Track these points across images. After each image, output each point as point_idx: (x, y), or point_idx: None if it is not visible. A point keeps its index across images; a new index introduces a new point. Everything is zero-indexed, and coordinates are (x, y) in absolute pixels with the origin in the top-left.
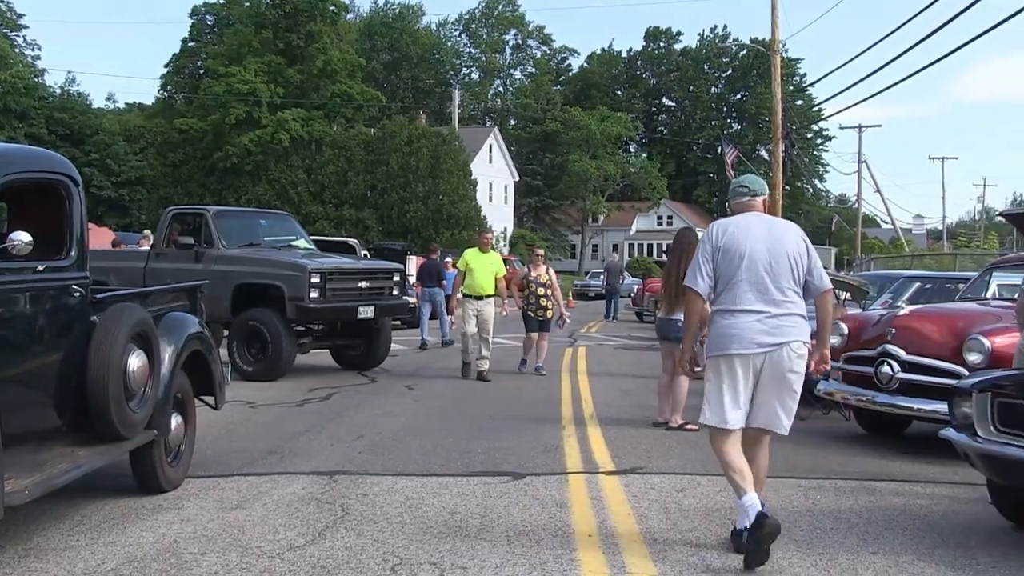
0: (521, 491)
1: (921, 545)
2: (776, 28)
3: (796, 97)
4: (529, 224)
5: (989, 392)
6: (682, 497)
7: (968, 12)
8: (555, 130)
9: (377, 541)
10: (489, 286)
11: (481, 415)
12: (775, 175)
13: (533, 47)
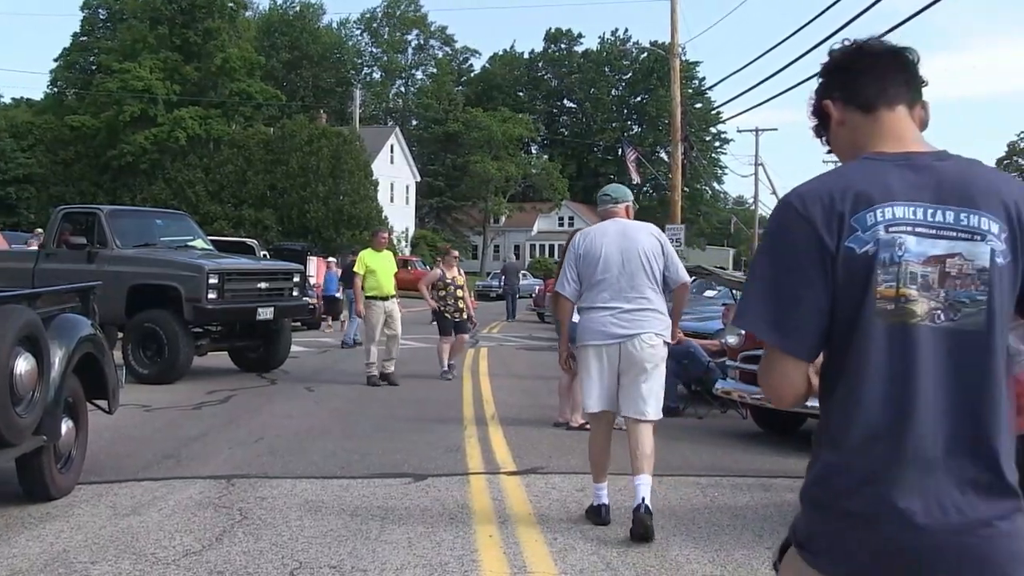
0: (422, 492)
1: None
2: (676, 32)
3: (695, 100)
4: (431, 225)
5: None
6: (583, 496)
7: (861, 19)
8: (457, 131)
9: (276, 545)
10: (392, 285)
11: (382, 416)
12: (674, 177)
13: (435, 47)
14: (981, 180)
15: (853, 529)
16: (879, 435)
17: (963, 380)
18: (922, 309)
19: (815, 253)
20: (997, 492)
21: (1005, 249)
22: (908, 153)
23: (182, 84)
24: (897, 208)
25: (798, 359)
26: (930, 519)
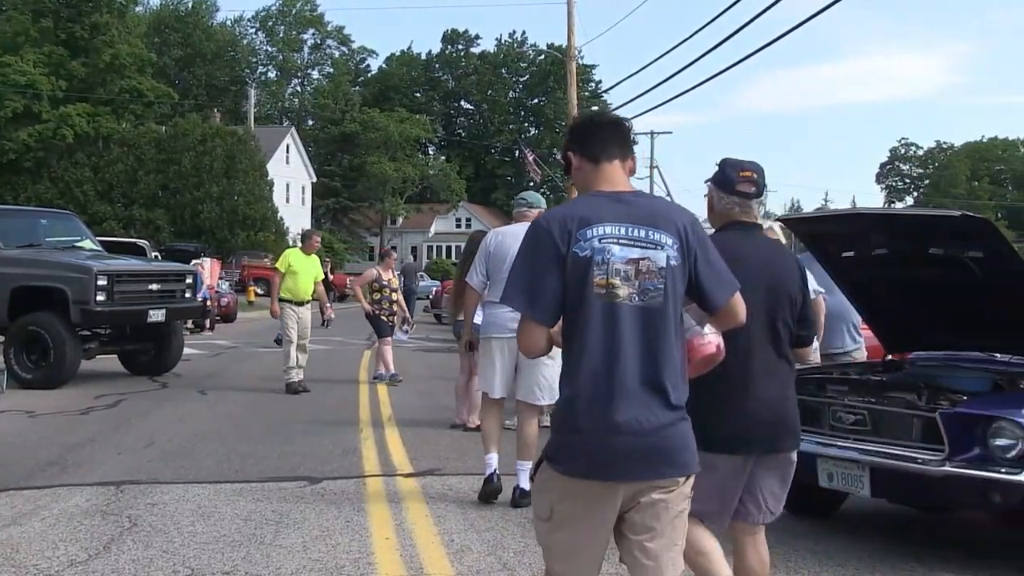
0: (318, 496)
1: None
2: (572, 35)
3: (592, 103)
4: (327, 226)
5: None
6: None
7: (752, 26)
8: (354, 131)
9: (167, 552)
10: (310, 291)
11: (277, 420)
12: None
13: (332, 47)
14: (662, 210)
15: (581, 437)
16: (598, 374)
17: (649, 339)
18: (624, 293)
19: (554, 255)
20: (669, 409)
21: (677, 255)
22: (617, 192)
23: (68, 80)
24: (607, 227)
25: (543, 325)
26: (631, 427)
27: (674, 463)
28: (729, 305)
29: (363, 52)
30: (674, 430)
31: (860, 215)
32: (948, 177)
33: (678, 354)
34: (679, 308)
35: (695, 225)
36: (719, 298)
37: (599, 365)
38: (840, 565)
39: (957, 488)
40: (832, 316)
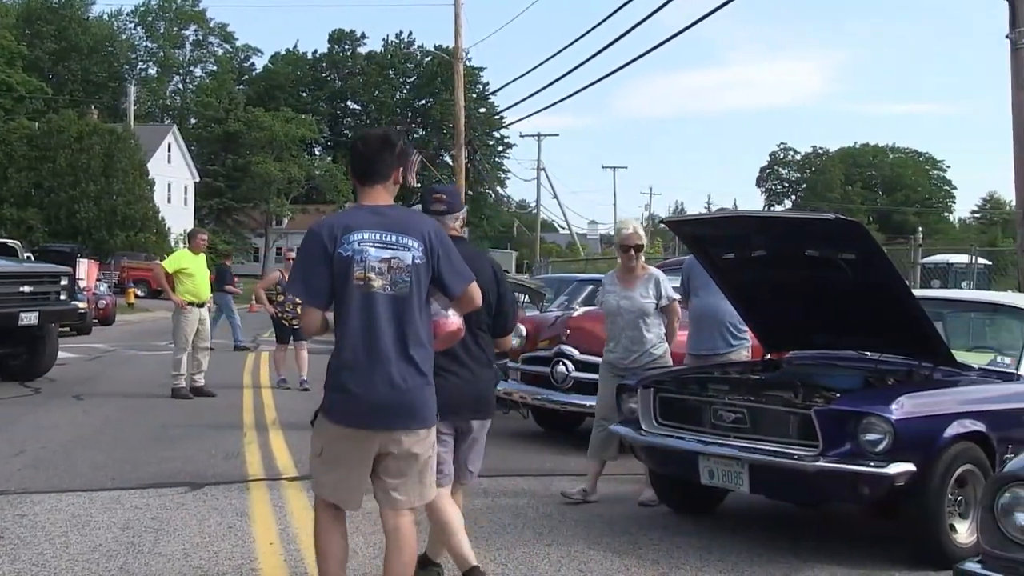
0: (199, 501)
1: (591, 534)
2: (459, 36)
3: (479, 105)
4: (211, 226)
5: (652, 388)
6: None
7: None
8: (238, 130)
9: (37, 565)
10: (208, 291)
11: (157, 424)
12: (458, 180)
13: (215, 44)
14: (411, 220)
15: (346, 395)
16: (359, 346)
17: (399, 320)
18: (378, 284)
19: (323, 255)
20: (416, 374)
21: (421, 255)
22: (376, 206)
23: None
24: (365, 233)
25: (318, 308)
26: (384, 388)
27: (418, 417)
28: (466, 293)
29: (247, 50)
30: (419, 392)
31: (740, 218)
32: (824, 181)
33: (424, 331)
34: (424, 296)
35: (438, 232)
36: (456, 288)
37: (359, 339)
38: (721, 560)
39: (830, 482)
40: (702, 318)
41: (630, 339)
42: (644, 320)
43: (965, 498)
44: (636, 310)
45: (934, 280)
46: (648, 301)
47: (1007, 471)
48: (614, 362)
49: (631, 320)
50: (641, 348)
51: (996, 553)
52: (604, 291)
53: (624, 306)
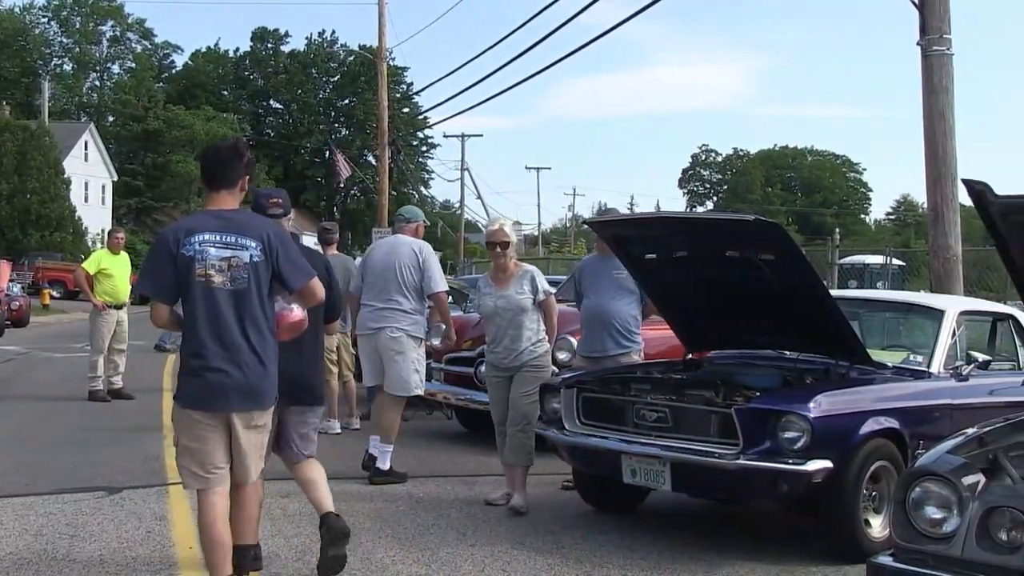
0: (117, 506)
1: (515, 534)
2: (383, 36)
3: (403, 105)
4: (130, 226)
5: (575, 388)
6: (287, 503)
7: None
8: (158, 129)
9: None
10: (127, 292)
11: (73, 428)
12: (382, 181)
13: (133, 41)
14: (250, 223)
15: (193, 380)
16: (204, 336)
17: (239, 312)
18: (218, 280)
19: (170, 255)
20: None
21: (260, 254)
22: (220, 210)
23: None
24: (207, 235)
25: (165, 303)
26: (228, 373)
27: (258, 399)
28: (307, 287)
29: (167, 47)
30: (259, 376)
31: (661, 219)
32: (745, 183)
33: (264, 322)
34: (264, 291)
35: (278, 233)
36: (296, 283)
37: (204, 330)
38: (643, 558)
39: (750, 480)
40: (591, 320)
41: (511, 338)
42: (523, 318)
43: (879, 493)
44: (514, 308)
45: (851, 280)
46: (524, 298)
47: (918, 466)
48: (497, 363)
49: (510, 319)
50: (521, 346)
51: (907, 546)
52: (479, 294)
53: (501, 306)
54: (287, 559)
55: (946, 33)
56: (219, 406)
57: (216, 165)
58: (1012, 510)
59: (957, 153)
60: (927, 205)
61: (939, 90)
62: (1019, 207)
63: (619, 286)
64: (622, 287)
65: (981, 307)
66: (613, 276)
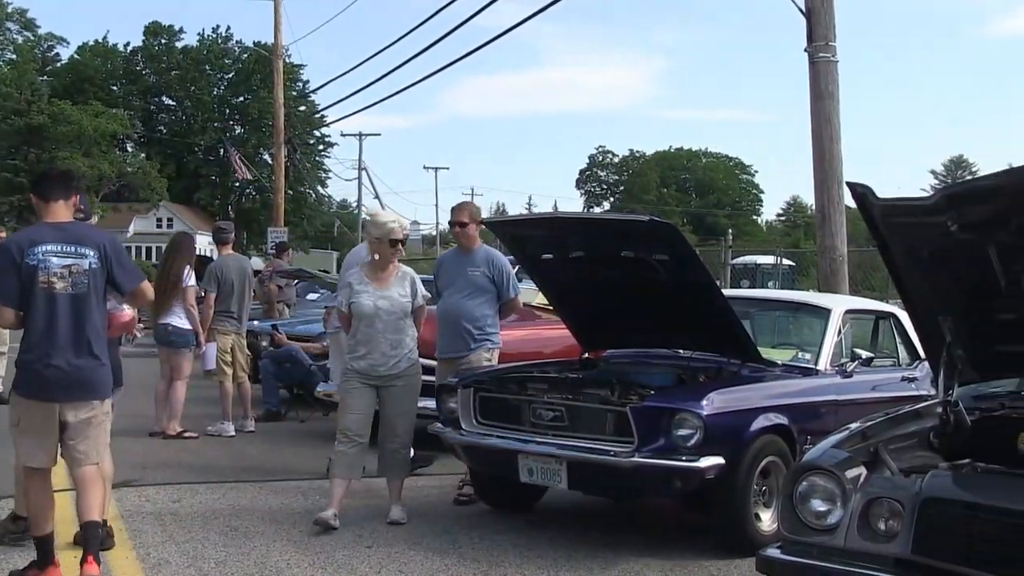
0: None
1: (412, 535)
2: (279, 33)
3: (299, 103)
4: (11, 224)
5: (472, 388)
6: (178, 507)
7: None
8: (42, 124)
9: None
10: None
11: None
12: (278, 179)
13: (13, 31)
14: (87, 234)
15: (32, 373)
16: (42, 335)
17: (77, 314)
18: (60, 286)
19: (14, 264)
20: (91, 357)
21: (97, 262)
22: (58, 223)
23: None
24: (48, 246)
25: (9, 307)
26: (62, 368)
27: (91, 390)
28: (138, 290)
29: (51, 39)
30: (93, 371)
31: (558, 219)
32: (641, 184)
33: (99, 322)
34: (100, 294)
35: (113, 242)
36: (127, 286)
37: (44, 329)
38: (540, 556)
39: (645, 477)
40: (444, 320)
41: (391, 344)
42: (404, 322)
43: (769, 488)
44: (398, 311)
45: (743, 280)
46: (407, 301)
47: (805, 461)
48: (367, 371)
49: (391, 322)
50: (401, 352)
51: (794, 538)
52: (353, 291)
53: (383, 308)
54: (178, 566)
55: (832, 41)
56: (57, 396)
57: (53, 180)
58: (890, 500)
59: (843, 157)
60: (815, 207)
61: (825, 95)
62: (899, 209)
63: (474, 284)
64: (477, 285)
65: (865, 306)
66: (468, 274)
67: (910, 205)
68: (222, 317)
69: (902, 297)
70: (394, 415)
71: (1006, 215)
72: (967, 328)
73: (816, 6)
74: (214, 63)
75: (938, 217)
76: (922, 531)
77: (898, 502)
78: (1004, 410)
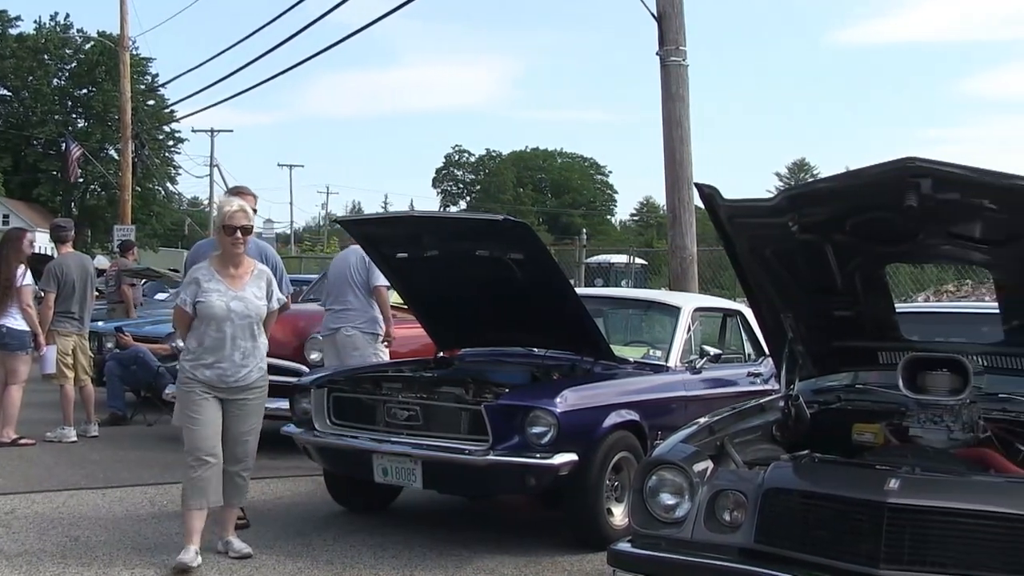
0: None
1: (265, 538)
2: (126, 24)
3: (148, 97)
4: None
5: (326, 388)
6: (11, 519)
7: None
8: None
9: None
10: None
11: None
12: (124, 176)
13: None
14: None
15: None
16: None
17: None
18: None
19: None
20: None
21: None
22: None
23: None
24: None
25: None
26: None
27: None
28: None
29: None
30: None
31: (413, 218)
32: (497, 183)
33: None
34: None
35: None
36: None
37: None
38: (395, 556)
39: (499, 475)
40: None
41: (243, 352)
42: (258, 327)
43: (621, 483)
44: (253, 315)
45: (597, 279)
46: (263, 303)
47: (655, 456)
48: (214, 381)
49: (245, 327)
50: (253, 362)
51: (643, 532)
52: (200, 289)
53: (237, 310)
54: None
55: (682, 45)
56: None
57: None
58: (735, 492)
59: (693, 159)
60: (666, 208)
61: (676, 98)
62: (744, 210)
63: None
64: None
65: (713, 304)
66: None
67: (754, 206)
68: (62, 318)
69: (747, 295)
70: (241, 433)
71: (843, 216)
72: (807, 325)
73: (667, 11)
74: (54, 53)
75: (780, 218)
76: (764, 520)
77: (742, 493)
78: (840, 403)
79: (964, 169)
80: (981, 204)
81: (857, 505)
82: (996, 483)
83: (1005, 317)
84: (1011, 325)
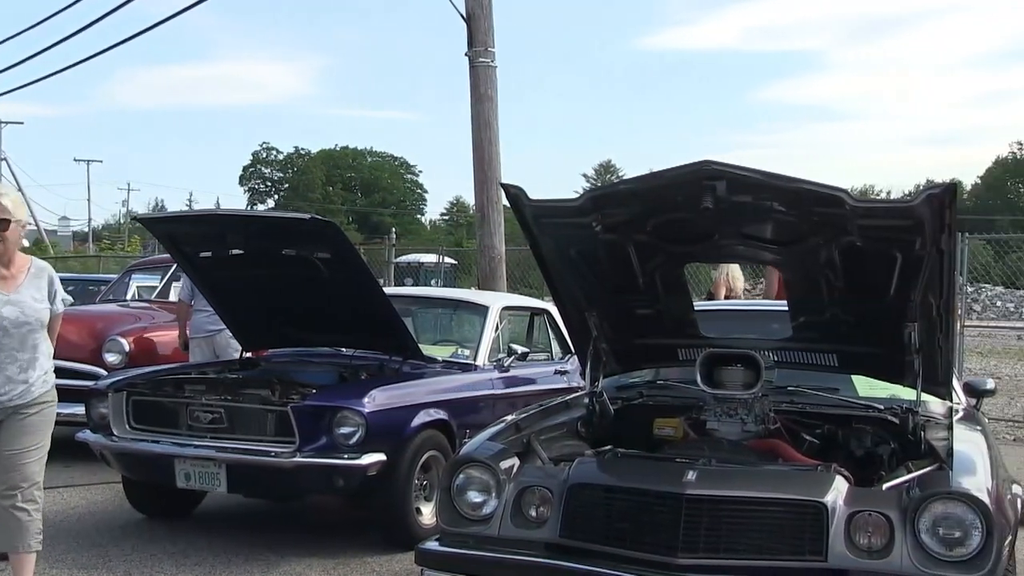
0: None
1: (55, 552)
2: None
3: None
4: None
5: (125, 391)
6: None
7: (114, 17)
8: None
9: None
10: None
11: None
12: None
13: None
14: None
15: None
16: None
17: None
18: None
19: None
20: None
21: None
22: None
23: None
24: None
25: None
26: None
27: None
28: None
29: None
30: None
31: (217, 216)
32: (306, 182)
33: None
34: None
35: None
36: None
37: None
38: (197, 564)
39: (307, 476)
40: None
41: (21, 366)
42: (39, 336)
43: (430, 482)
44: (32, 322)
45: (407, 278)
46: (44, 307)
47: (462, 454)
48: None
49: (23, 336)
50: (34, 375)
51: (451, 530)
52: None
53: (10, 317)
54: None
55: (491, 46)
56: None
57: None
58: (541, 488)
59: (502, 159)
60: (475, 207)
61: (485, 99)
62: (549, 210)
63: None
64: None
65: (521, 303)
66: None
67: (559, 206)
68: None
69: (553, 294)
70: (21, 455)
71: (644, 216)
72: (610, 323)
73: (476, 12)
74: None
75: (584, 218)
76: (569, 515)
77: (548, 489)
78: (642, 399)
79: (756, 173)
80: (772, 206)
81: (657, 497)
82: (783, 472)
83: (793, 314)
84: (798, 321)
